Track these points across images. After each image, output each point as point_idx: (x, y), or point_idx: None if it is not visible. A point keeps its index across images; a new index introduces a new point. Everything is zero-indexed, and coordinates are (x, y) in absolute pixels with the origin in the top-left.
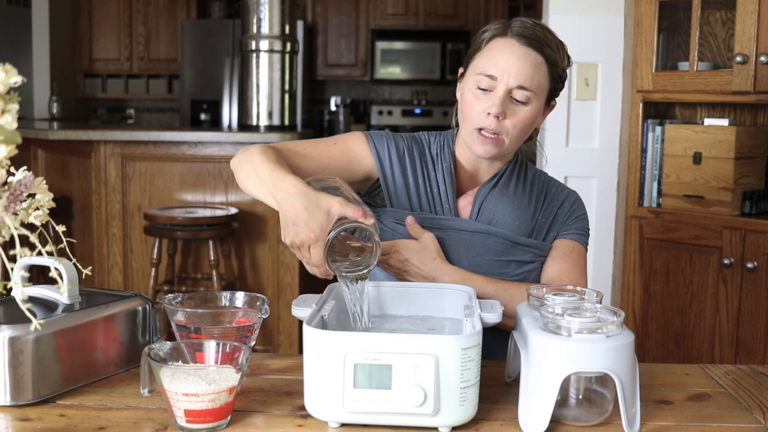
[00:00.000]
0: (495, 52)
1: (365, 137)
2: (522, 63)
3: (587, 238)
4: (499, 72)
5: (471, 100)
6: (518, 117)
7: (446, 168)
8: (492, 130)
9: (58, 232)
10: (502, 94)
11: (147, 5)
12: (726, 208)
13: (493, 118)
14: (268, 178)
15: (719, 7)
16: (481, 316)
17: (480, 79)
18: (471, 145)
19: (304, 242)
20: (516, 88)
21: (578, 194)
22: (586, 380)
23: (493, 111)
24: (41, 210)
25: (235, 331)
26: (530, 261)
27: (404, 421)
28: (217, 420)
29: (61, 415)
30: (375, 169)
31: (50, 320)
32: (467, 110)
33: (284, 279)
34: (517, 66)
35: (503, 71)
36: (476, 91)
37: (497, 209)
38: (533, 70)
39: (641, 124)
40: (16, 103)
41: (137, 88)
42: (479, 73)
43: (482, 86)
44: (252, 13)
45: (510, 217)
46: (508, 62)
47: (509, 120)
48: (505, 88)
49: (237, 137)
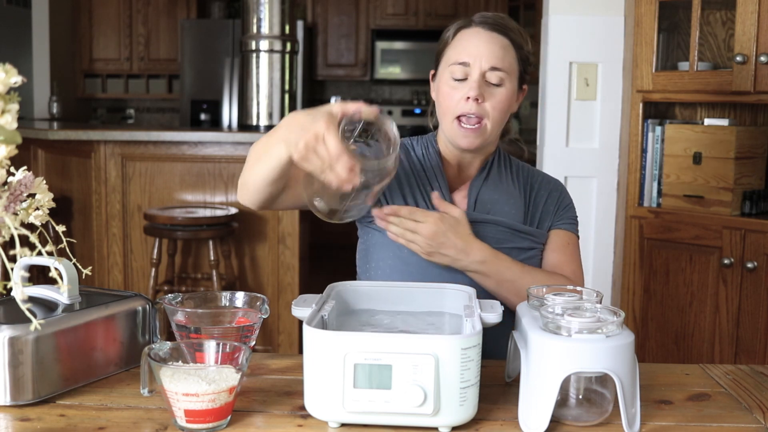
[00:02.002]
0: (464, 41)
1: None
2: (491, 46)
3: (578, 226)
4: (471, 57)
5: (447, 91)
6: (496, 99)
7: (435, 166)
8: (474, 114)
9: (58, 232)
10: (477, 77)
11: (147, 5)
12: (726, 208)
13: (473, 102)
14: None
15: (719, 7)
16: (481, 316)
17: (453, 69)
18: (454, 139)
19: (318, 134)
20: (489, 70)
21: (561, 182)
22: (586, 380)
23: (472, 94)
24: (41, 210)
25: (235, 331)
26: (529, 248)
27: (404, 421)
28: (217, 420)
29: (61, 415)
30: None
31: (50, 320)
32: (445, 102)
33: (284, 279)
34: (487, 49)
35: (475, 56)
36: (451, 82)
37: (492, 199)
38: (502, 51)
39: (641, 124)
40: (16, 103)
41: (137, 88)
42: (452, 64)
43: (456, 76)
44: (252, 13)
45: (506, 206)
46: (478, 47)
47: (488, 102)
48: (479, 71)
49: (237, 137)
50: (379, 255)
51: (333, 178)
